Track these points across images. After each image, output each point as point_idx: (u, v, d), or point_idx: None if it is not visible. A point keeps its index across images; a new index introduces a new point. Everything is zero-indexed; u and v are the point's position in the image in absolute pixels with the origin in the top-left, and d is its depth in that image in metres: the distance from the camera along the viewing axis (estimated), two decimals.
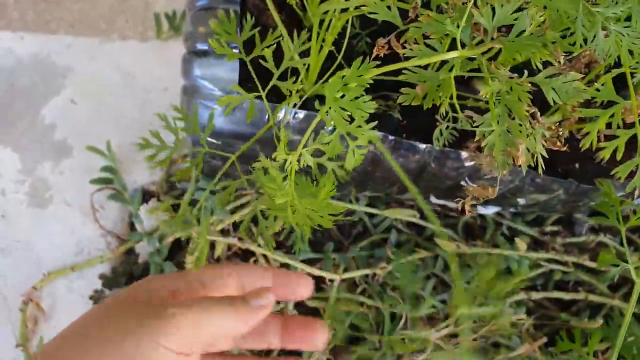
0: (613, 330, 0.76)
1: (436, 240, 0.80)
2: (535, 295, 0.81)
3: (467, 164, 0.59)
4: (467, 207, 0.38)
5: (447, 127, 0.59)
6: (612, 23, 0.33)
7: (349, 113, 0.31)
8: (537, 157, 0.35)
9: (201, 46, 0.60)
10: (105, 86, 0.90)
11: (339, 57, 0.60)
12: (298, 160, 0.36)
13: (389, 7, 0.34)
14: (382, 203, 0.84)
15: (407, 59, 0.32)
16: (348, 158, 0.31)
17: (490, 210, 0.74)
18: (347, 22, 0.54)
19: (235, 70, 0.59)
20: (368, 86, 0.29)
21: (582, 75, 0.34)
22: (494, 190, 0.35)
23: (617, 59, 0.38)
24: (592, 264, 0.82)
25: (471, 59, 0.35)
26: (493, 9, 0.34)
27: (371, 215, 0.84)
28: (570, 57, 0.44)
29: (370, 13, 0.33)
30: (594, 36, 0.34)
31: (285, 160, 0.37)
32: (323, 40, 0.56)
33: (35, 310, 0.74)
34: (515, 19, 0.34)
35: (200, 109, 0.60)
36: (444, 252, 0.81)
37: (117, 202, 0.82)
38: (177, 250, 0.81)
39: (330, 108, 0.30)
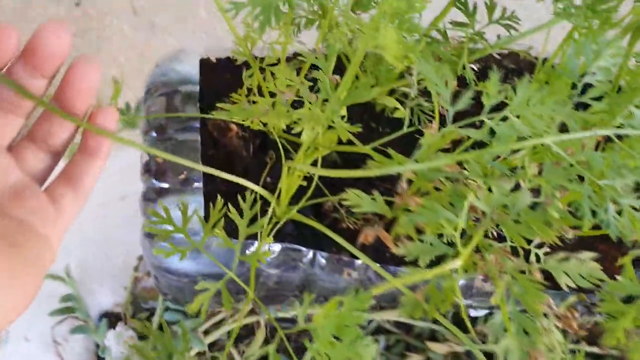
0: None
1: (427, 344, 0.75)
2: None
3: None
4: None
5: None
6: (622, 197, 0.30)
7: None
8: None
9: (161, 183, 0.55)
10: None
11: (315, 180, 0.55)
12: None
13: (373, 198, 0.30)
14: None
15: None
16: None
17: (481, 312, 0.70)
18: None
19: (201, 206, 0.54)
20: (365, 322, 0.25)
21: (597, 255, 0.30)
22: None
23: None
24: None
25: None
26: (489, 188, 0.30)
27: None
28: None
29: (352, 206, 0.29)
30: (605, 212, 0.30)
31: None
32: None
33: None
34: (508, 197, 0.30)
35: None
36: (437, 354, 0.76)
37: (81, 334, 0.75)
38: None
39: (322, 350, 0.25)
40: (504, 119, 0.29)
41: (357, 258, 0.57)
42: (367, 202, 0.29)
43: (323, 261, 0.56)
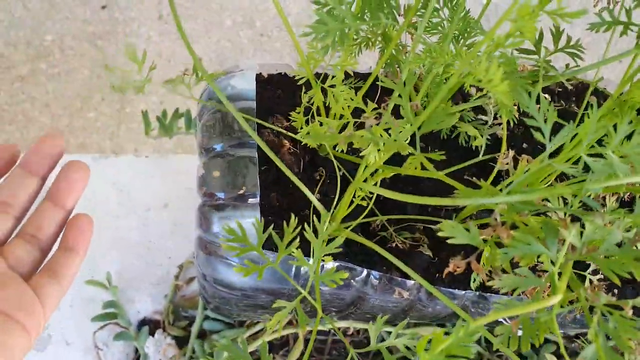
0: None
1: None
2: None
3: None
4: None
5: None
6: None
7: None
8: None
9: (218, 195, 0.55)
10: (101, 206, 0.85)
11: (372, 200, 0.56)
12: None
13: (467, 229, 0.30)
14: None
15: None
16: None
17: None
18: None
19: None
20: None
21: None
22: None
23: None
24: None
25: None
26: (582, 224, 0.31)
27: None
28: None
29: (446, 238, 0.30)
30: None
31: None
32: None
33: None
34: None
35: (219, 264, 0.55)
36: None
37: (123, 340, 0.76)
38: None
39: None
40: (598, 154, 0.30)
41: (409, 278, 0.58)
42: (461, 233, 0.30)
43: (375, 280, 0.56)
